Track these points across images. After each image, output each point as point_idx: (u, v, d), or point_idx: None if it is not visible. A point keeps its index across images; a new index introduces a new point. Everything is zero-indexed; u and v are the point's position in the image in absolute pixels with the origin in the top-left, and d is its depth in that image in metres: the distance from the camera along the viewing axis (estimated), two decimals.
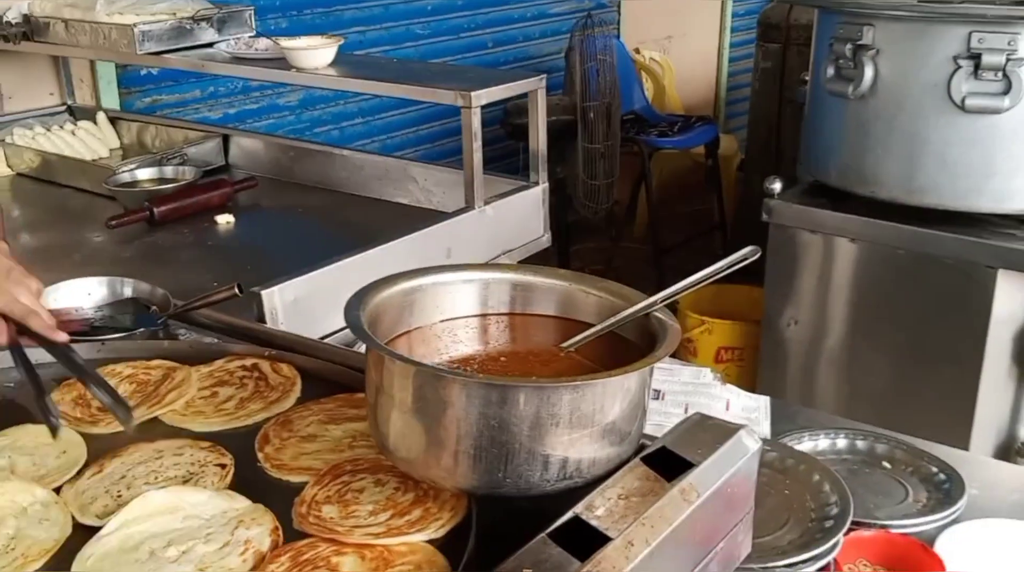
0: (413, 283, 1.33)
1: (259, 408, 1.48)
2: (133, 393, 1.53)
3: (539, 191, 2.36)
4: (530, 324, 1.37)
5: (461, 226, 2.15)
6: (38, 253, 2.40)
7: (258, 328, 1.71)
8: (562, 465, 1.14)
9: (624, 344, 1.31)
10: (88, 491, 1.30)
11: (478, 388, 1.09)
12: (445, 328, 1.35)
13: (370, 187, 2.66)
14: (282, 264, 2.13)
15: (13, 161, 2.89)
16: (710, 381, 2.03)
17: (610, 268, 5.32)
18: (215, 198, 2.57)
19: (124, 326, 1.70)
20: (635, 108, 4.97)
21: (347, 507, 1.23)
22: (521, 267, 1.40)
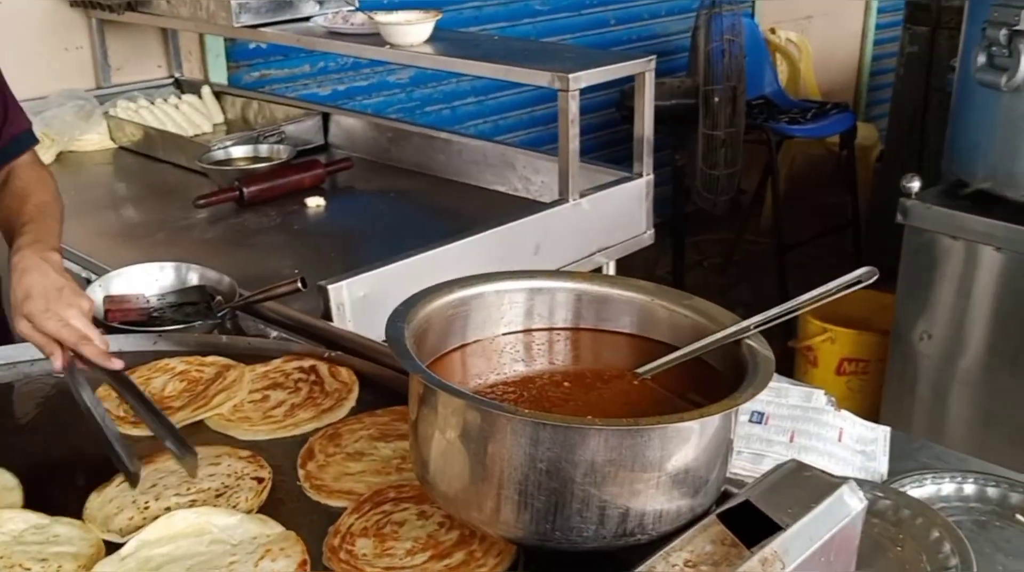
0: (471, 291, 1.18)
1: (309, 417, 1.37)
2: (182, 392, 1.44)
3: (642, 183, 2.17)
4: (602, 342, 1.20)
5: (553, 220, 1.98)
6: (124, 230, 2.36)
7: (321, 325, 1.60)
8: (621, 518, 0.97)
9: (710, 373, 1.13)
10: (115, 500, 1.21)
11: (523, 426, 0.94)
12: (506, 343, 1.20)
13: (467, 172, 2.52)
14: (367, 253, 2.02)
15: (116, 134, 2.88)
16: (822, 405, 1.81)
17: (730, 263, 5.05)
18: (307, 179, 2.48)
19: (183, 318, 1.61)
20: (765, 92, 4.67)
21: (383, 542, 1.10)
22: (596, 276, 1.23)
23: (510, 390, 1.13)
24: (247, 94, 3.12)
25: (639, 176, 2.17)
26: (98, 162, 2.83)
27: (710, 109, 3.78)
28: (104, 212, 2.48)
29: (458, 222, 2.09)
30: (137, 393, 1.31)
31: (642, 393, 1.12)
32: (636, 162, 2.16)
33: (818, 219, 5.18)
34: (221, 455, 1.28)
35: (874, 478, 1.58)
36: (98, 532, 1.14)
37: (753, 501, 1.02)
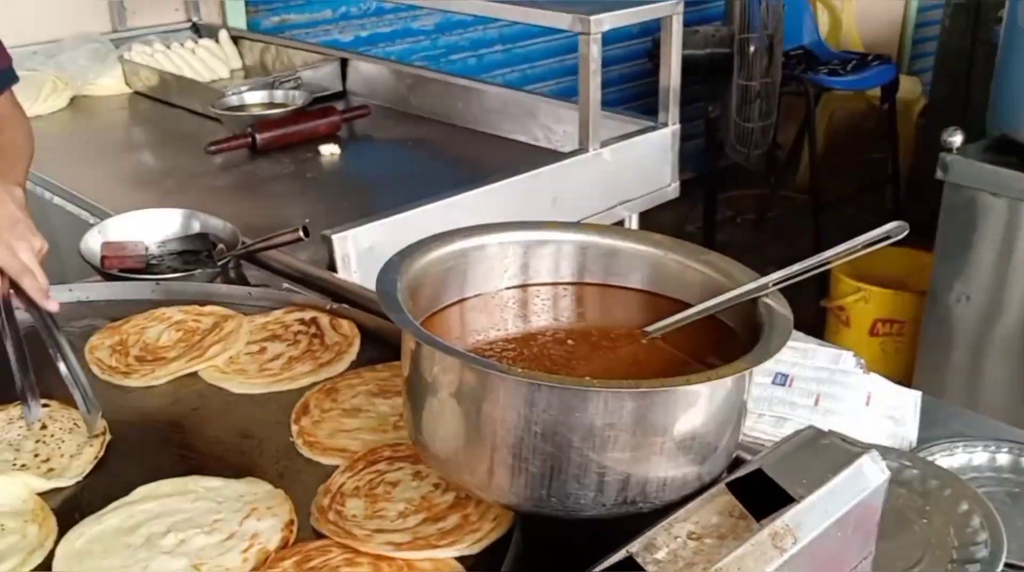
0: (471, 242, 1.11)
1: (307, 370, 1.31)
2: (177, 342, 1.38)
3: (668, 133, 2.07)
4: (610, 298, 1.13)
5: (572, 171, 1.90)
6: (135, 176, 2.31)
7: (324, 276, 1.54)
8: (622, 486, 0.90)
9: (725, 333, 1.06)
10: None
11: (517, 386, 0.87)
12: (507, 298, 1.13)
13: (487, 121, 2.44)
14: (381, 203, 1.95)
15: (131, 79, 2.82)
16: (851, 368, 1.73)
17: (764, 219, 4.93)
18: (322, 127, 2.41)
19: (182, 266, 1.56)
20: (804, 43, 4.51)
21: (375, 503, 1.05)
22: (605, 228, 1.16)
23: (510, 347, 1.06)
24: (265, 39, 3.05)
25: (664, 126, 2.07)
26: (112, 107, 2.78)
27: (745, 59, 3.65)
28: (116, 158, 2.43)
29: (476, 172, 2.01)
30: (57, 342, 1.26)
31: (651, 353, 1.05)
32: (662, 111, 2.06)
33: (857, 175, 5.04)
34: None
35: (902, 445, 1.51)
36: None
37: (765, 470, 0.94)
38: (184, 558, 0.99)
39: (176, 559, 0.99)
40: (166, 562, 0.99)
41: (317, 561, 0.97)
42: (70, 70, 2.72)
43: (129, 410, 1.25)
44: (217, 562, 0.99)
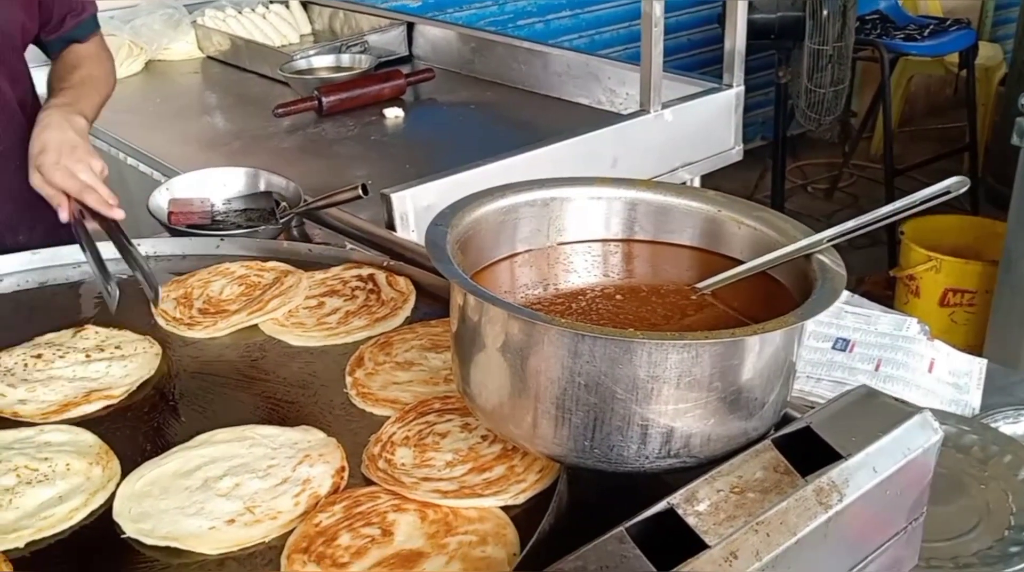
0: (523, 198, 1.11)
1: (362, 325, 1.33)
2: (239, 296, 1.42)
3: (731, 95, 2.04)
4: (661, 255, 1.13)
5: (633, 131, 1.88)
6: (205, 137, 2.36)
7: (382, 234, 1.56)
8: (665, 439, 0.90)
9: (777, 290, 1.04)
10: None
11: (561, 336, 0.87)
12: (560, 253, 1.13)
13: (550, 84, 2.43)
14: (443, 165, 1.96)
15: (203, 43, 2.87)
16: (914, 334, 1.69)
17: (835, 188, 4.83)
18: (387, 90, 2.43)
19: (246, 223, 1.59)
20: (880, 7, 4.38)
21: (424, 452, 1.06)
22: (658, 184, 1.14)
23: (559, 302, 1.07)
24: (334, 4, 3.07)
25: (728, 87, 2.04)
26: (184, 71, 2.84)
27: (818, 22, 3.56)
28: (187, 120, 2.49)
29: (538, 135, 2.00)
30: (124, 245, 1.35)
31: (700, 309, 1.05)
32: (726, 72, 2.03)
33: (932, 144, 4.90)
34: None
35: (964, 412, 1.47)
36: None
37: (814, 427, 0.94)
38: (238, 501, 1.02)
39: (231, 501, 1.02)
40: (221, 504, 1.02)
41: (366, 506, 0.99)
42: (145, 35, 2.78)
43: (191, 360, 1.29)
44: (270, 505, 1.01)
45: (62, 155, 1.34)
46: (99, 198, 1.34)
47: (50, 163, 1.34)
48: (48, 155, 1.34)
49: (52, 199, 1.36)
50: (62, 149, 1.34)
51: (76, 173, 1.33)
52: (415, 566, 0.91)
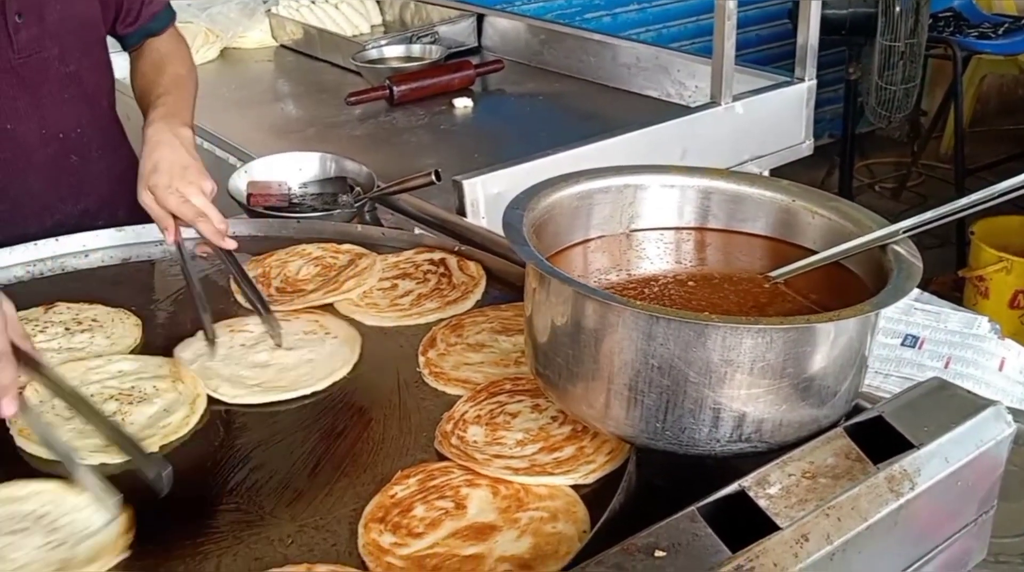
0: (598, 184, 1.13)
1: (434, 307, 1.36)
2: (315, 276, 1.46)
3: (803, 89, 2.03)
4: (734, 244, 1.13)
5: (703, 124, 1.89)
6: (278, 124, 2.41)
7: (453, 220, 1.59)
8: (737, 423, 0.91)
9: (851, 281, 1.05)
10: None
11: (636, 319, 0.89)
12: (632, 240, 1.15)
13: (619, 77, 2.43)
14: (511, 155, 1.98)
15: (277, 32, 2.93)
16: (985, 333, 1.67)
17: (903, 188, 4.76)
18: (456, 80, 2.46)
19: (322, 206, 1.63)
20: (953, 4, 4.30)
21: (495, 431, 1.09)
22: (731, 174, 1.15)
23: (631, 287, 1.08)
24: None
25: (800, 81, 2.03)
26: (259, 59, 2.90)
27: (890, 18, 3.51)
28: (261, 107, 2.54)
29: (605, 127, 2.01)
30: (243, 273, 1.36)
31: (773, 297, 1.05)
32: (798, 65, 2.02)
33: (1004, 144, 4.79)
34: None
35: None
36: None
37: (886, 417, 0.94)
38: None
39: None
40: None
41: (439, 480, 1.02)
42: (221, 23, 2.85)
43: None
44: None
45: (174, 178, 1.34)
46: (212, 229, 1.35)
47: (163, 186, 1.34)
48: (161, 177, 1.35)
49: (159, 221, 1.38)
50: (174, 171, 1.35)
51: (189, 197, 1.34)
52: (488, 538, 0.94)
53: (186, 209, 1.34)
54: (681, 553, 0.79)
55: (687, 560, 0.78)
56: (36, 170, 1.52)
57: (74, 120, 1.53)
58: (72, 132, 1.53)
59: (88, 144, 1.55)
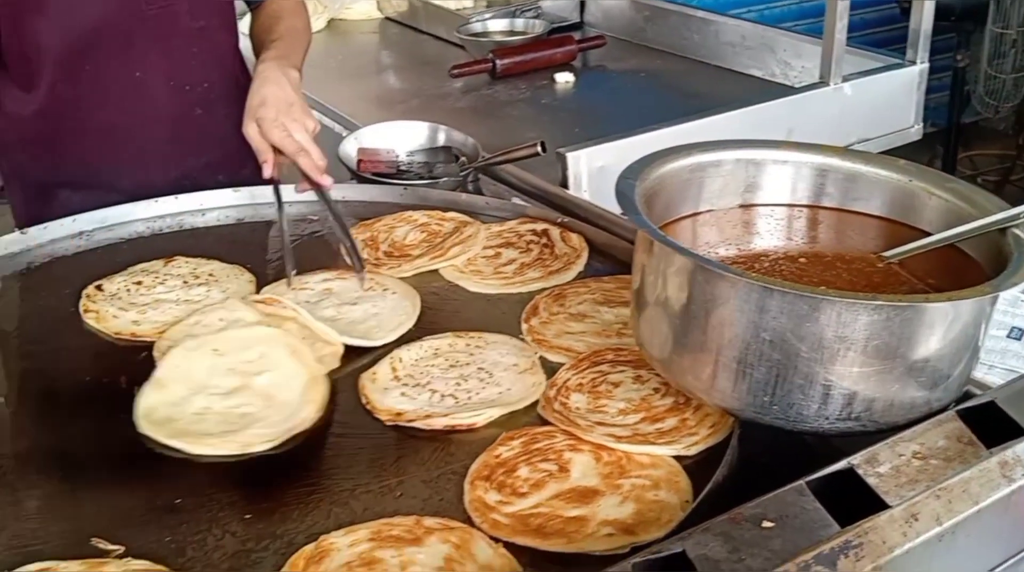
0: (709, 157, 1.13)
1: (537, 277, 1.38)
2: (421, 242, 1.49)
3: (915, 72, 1.98)
4: (848, 223, 1.12)
5: (810, 104, 1.86)
6: (383, 94, 2.45)
7: (556, 192, 1.60)
8: (847, 401, 0.91)
9: (966, 263, 1.03)
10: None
11: (748, 290, 0.89)
12: (741, 215, 1.15)
13: (723, 55, 2.41)
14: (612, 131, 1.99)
15: (382, 4, 2.97)
16: None
17: (1007, 181, 4.59)
18: (559, 55, 2.46)
19: (428, 174, 1.66)
20: None
21: (597, 400, 1.10)
22: (847, 151, 1.14)
23: (741, 262, 1.08)
24: None
25: (912, 64, 1.98)
26: (364, 31, 2.95)
27: (1002, 5, 3.39)
28: (366, 78, 2.59)
29: (708, 105, 2.00)
30: (335, 211, 1.41)
31: (887, 278, 1.04)
32: (910, 48, 1.97)
33: None
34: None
35: None
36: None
37: (999, 403, 0.93)
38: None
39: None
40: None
41: (543, 444, 1.04)
42: None
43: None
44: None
45: (280, 112, 1.40)
46: (312, 163, 1.41)
47: (269, 119, 1.40)
48: (268, 110, 1.40)
49: (260, 153, 1.43)
50: (280, 106, 1.41)
51: (292, 132, 1.39)
52: (591, 502, 0.95)
53: (288, 143, 1.40)
54: (789, 525, 0.80)
55: (795, 533, 0.79)
56: (162, 120, 1.58)
57: (200, 74, 1.59)
58: (198, 86, 1.59)
59: (213, 99, 1.61)
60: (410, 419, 1.10)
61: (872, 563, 0.78)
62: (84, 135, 1.56)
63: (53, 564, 0.89)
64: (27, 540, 0.95)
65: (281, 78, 1.43)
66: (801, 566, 0.76)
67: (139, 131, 1.57)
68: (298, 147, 1.40)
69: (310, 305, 1.32)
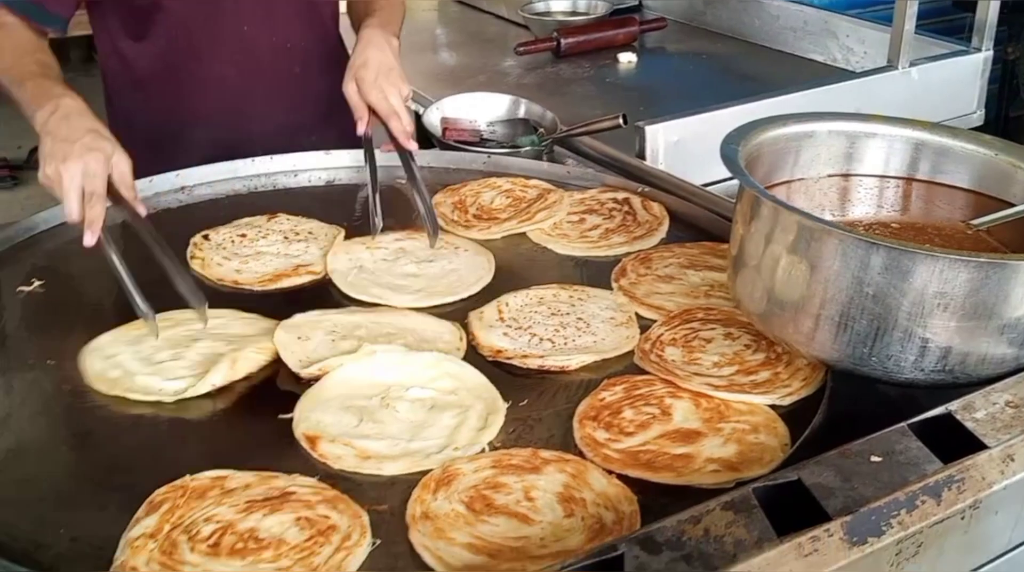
0: (804, 128, 1.19)
1: (621, 241, 1.44)
2: (507, 206, 1.55)
3: (979, 59, 2.03)
4: (936, 195, 1.18)
5: (877, 87, 1.91)
6: (448, 71, 2.51)
7: (636, 163, 1.66)
8: (943, 355, 0.97)
9: None
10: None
11: (856, 246, 0.95)
12: (833, 185, 1.21)
13: (783, 39, 2.46)
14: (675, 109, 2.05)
15: None
16: None
17: None
18: (621, 36, 2.52)
19: (511, 143, 1.72)
20: None
21: (691, 353, 1.17)
22: (936, 126, 1.19)
23: None
24: None
25: (976, 51, 2.03)
26: (425, 7, 3.02)
27: None
28: (429, 55, 2.66)
29: (769, 88, 2.05)
30: (414, 174, 1.48)
31: (976, 243, 1.10)
32: (975, 35, 2.02)
33: None
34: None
35: None
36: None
37: None
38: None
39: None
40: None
41: (644, 390, 1.10)
42: None
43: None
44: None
45: (379, 75, 1.48)
46: (401, 127, 1.49)
47: (369, 80, 1.48)
48: (368, 72, 1.48)
49: (356, 111, 1.50)
50: (381, 69, 1.48)
51: (388, 95, 1.47)
52: (695, 442, 1.02)
53: (383, 105, 1.48)
54: (895, 460, 0.86)
55: (901, 467, 0.85)
56: (263, 74, 1.66)
57: (300, 34, 1.67)
58: (298, 45, 1.67)
59: (311, 60, 1.68)
60: (508, 357, 1.17)
61: (973, 496, 0.84)
62: (192, 85, 1.64)
63: (229, 472, 0.96)
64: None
65: (384, 44, 1.50)
66: (909, 495, 0.82)
67: (242, 85, 1.65)
68: (391, 110, 1.48)
69: (387, 262, 1.39)
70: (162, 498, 0.93)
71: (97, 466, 1.03)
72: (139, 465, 1.02)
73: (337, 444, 1.02)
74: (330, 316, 1.25)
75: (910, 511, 0.81)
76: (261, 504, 0.93)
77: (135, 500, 0.94)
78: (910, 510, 0.81)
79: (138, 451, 1.05)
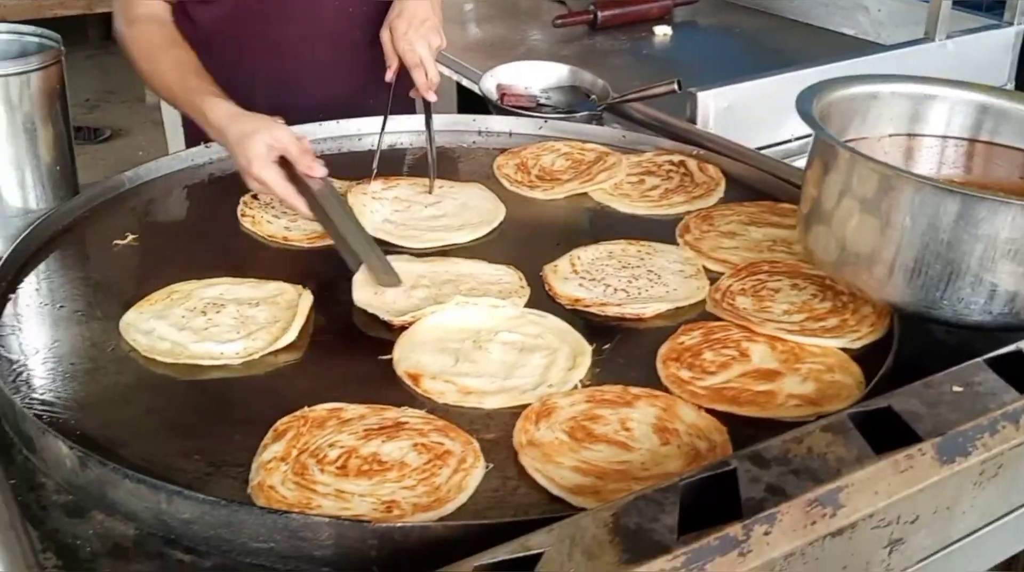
0: (870, 88, 1.25)
1: (681, 201, 1.51)
2: (567, 168, 1.61)
3: (1011, 33, 2.09)
4: (995, 155, 1.24)
5: (912, 58, 1.97)
6: (485, 43, 2.56)
7: (690, 128, 1.72)
8: (1010, 299, 1.04)
9: None
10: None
11: (933, 195, 1.02)
12: (894, 144, 1.27)
13: (814, 13, 2.52)
14: (711, 81, 2.10)
15: None
16: None
17: None
18: (655, 9, 2.58)
19: (566, 108, 1.78)
20: None
21: (761, 301, 1.23)
22: (996, 89, 1.26)
23: None
24: None
25: (1009, 25, 2.09)
26: None
27: None
28: (463, 27, 2.70)
29: (802, 60, 2.11)
30: (430, 125, 1.57)
31: None
32: (1008, 10, 2.08)
33: None
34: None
35: None
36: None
37: None
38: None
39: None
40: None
41: (720, 335, 1.17)
42: None
43: (532, 215, 1.50)
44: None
45: (411, 26, 1.54)
46: (423, 79, 1.55)
47: (400, 31, 1.54)
48: (401, 22, 1.55)
49: (387, 58, 1.58)
50: (413, 20, 1.54)
51: (416, 46, 1.53)
52: (775, 380, 1.08)
53: (410, 55, 1.53)
54: (975, 390, 0.92)
55: (981, 396, 0.92)
56: (326, 38, 1.71)
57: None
58: (359, 10, 1.71)
59: (370, 25, 1.72)
60: (587, 305, 1.23)
61: None
62: (260, 46, 1.68)
63: (343, 405, 1.03)
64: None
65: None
66: (991, 420, 0.89)
67: (307, 48, 1.70)
68: (417, 61, 1.54)
69: (403, 213, 1.48)
70: (285, 426, 1.00)
71: (210, 403, 1.09)
72: (252, 402, 1.08)
73: (438, 381, 1.09)
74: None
75: (992, 434, 0.88)
76: (378, 432, 0.99)
77: (258, 431, 1.00)
78: (992, 433, 0.88)
79: (244, 393, 1.10)
